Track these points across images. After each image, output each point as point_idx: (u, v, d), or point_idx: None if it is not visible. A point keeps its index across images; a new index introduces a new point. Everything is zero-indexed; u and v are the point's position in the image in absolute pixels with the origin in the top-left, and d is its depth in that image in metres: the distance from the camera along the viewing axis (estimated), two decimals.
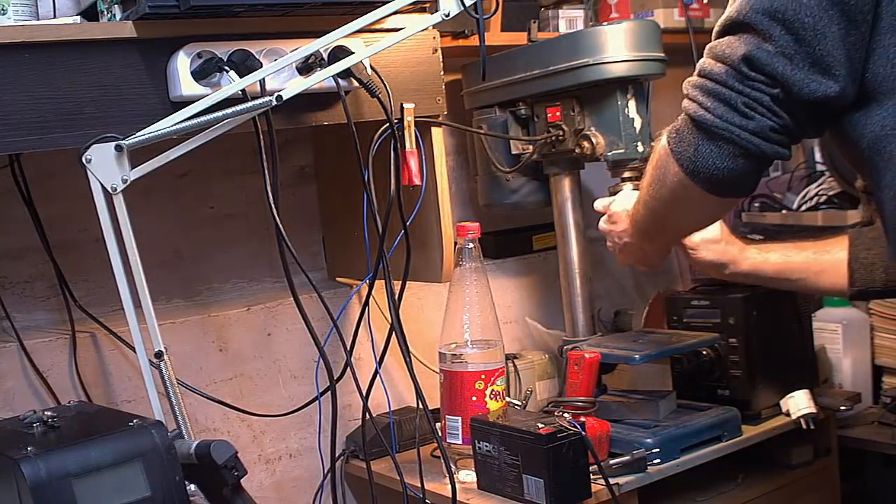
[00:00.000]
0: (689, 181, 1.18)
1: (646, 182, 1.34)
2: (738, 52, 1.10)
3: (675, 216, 1.33)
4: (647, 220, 1.40)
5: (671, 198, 1.25)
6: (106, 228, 1.26)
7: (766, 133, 1.11)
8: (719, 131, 1.12)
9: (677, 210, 1.29)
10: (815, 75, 1.08)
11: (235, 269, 1.85)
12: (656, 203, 1.31)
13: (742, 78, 1.11)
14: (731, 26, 1.13)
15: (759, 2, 1.09)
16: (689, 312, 1.86)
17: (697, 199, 1.20)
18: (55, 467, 1.11)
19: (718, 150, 1.13)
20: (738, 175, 1.15)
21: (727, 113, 1.12)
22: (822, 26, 1.07)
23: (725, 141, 1.13)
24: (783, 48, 1.08)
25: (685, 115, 1.17)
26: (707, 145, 1.14)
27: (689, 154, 1.16)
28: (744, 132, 1.11)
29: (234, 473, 1.22)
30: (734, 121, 1.11)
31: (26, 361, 1.61)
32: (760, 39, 1.09)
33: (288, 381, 1.87)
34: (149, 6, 1.27)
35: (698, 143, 1.15)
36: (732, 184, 1.17)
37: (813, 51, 1.07)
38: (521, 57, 1.86)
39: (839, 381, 2.11)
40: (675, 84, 1.93)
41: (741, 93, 1.11)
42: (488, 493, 1.60)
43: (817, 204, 2.26)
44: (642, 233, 1.48)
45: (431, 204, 1.63)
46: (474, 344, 1.67)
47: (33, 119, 1.26)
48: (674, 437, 1.66)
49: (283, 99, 1.32)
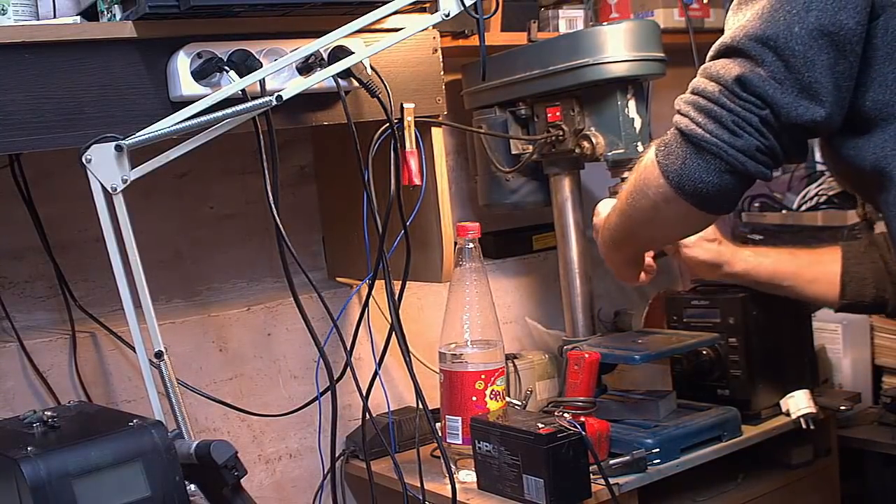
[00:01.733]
0: (672, 193, 1.21)
1: (626, 192, 1.36)
2: (732, 73, 1.14)
3: (649, 227, 1.36)
4: (618, 228, 1.43)
5: (650, 209, 1.28)
6: (106, 228, 1.26)
7: (752, 152, 1.15)
8: (708, 146, 1.16)
9: (654, 221, 1.32)
10: (803, 100, 1.13)
11: (235, 269, 1.85)
12: (633, 212, 1.34)
13: (734, 97, 1.15)
14: (725, 51, 1.17)
15: (753, 29, 1.14)
16: (689, 312, 1.86)
17: (677, 212, 1.24)
18: (55, 467, 1.11)
19: (706, 165, 1.17)
20: (722, 190, 1.19)
21: (717, 129, 1.16)
22: (811, 55, 1.11)
23: (713, 156, 1.16)
24: (774, 73, 1.12)
25: (675, 129, 1.21)
26: (695, 159, 1.18)
27: (677, 167, 1.20)
28: (731, 149, 1.15)
29: (234, 473, 1.22)
30: (723, 137, 1.15)
31: (26, 361, 1.61)
32: (753, 64, 1.14)
33: (288, 381, 1.87)
34: (149, 6, 1.27)
35: (686, 157, 1.19)
36: (716, 198, 1.20)
37: (802, 77, 1.12)
38: (521, 57, 1.86)
39: (839, 381, 2.11)
40: (675, 84, 1.93)
41: (732, 111, 1.15)
42: (488, 493, 1.60)
43: (817, 204, 2.26)
44: (611, 241, 1.50)
45: (431, 204, 1.63)
46: (474, 344, 1.67)
47: (33, 119, 1.26)
48: (674, 437, 1.66)
49: (283, 99, 1.32)
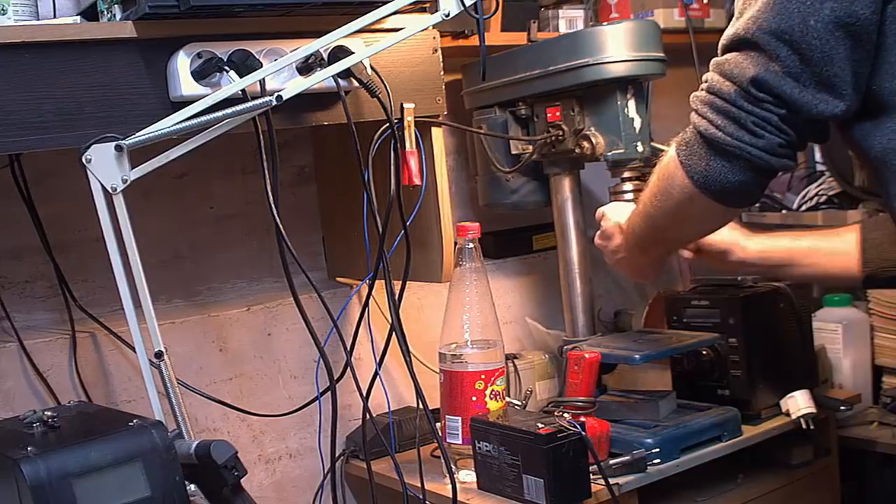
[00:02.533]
0: (697, 193, 1.22)
1: (649, 193, 1.36)
2: (747, 73, 1.12)
3: (677, 227, 1.36)
4: (645, 232, 1.43)
5: (676, 209, 1.28)
6: (106, 228, 1.26)
7: (774, 149, 1.15)
8: (731, 149, 1.16)
9: (682, 221, 1.33)
10: (822, 95, 1.10)
11: (235, 269, 1.85)
12: (659, 213, 1.34)
13: (750, 98, 1.13)
14: (738, 43, 1.14)
15: (767, 22, 1.10)
16: (689, 312, 1.86)
17: (704, 209, 1.25)
18: (55, 467, 1.11)
19: (730, 165, 1.17)
20: (748, 186, 1.19)
21: (737, 131, 1.15)
22: (829, 48, 1.08)
23: (736, 158, 1.16)
24: (790, 69, 1.10)
25: (695, 130, 1.20)
26: (718, 161, 1.18)
27: (701, 168, 1.20)
28: (754, 149, 1.15)
29: (234, 473, 1.22)
30: (744, 139, 1.15)
31: (26, 361, 1.61)
32: (767, 59, 1.11)
33: (288, 381, 1.87)
34: (149, 6, 1.27)
35: (710, 159, 1.18)
36: (742, 194, 1.21)
37: (820, 72, 1.09)
38: (521, 57, 1.86)
39: (839, 381, 2.11)
40: (675, 84, 1.94)
41: (750, 113, 1.13)
42: (488, 493, 1.60)
43: (817, 204, 2.26)
44: (637, 245, 1.49)
45: (431, 204, 1.63)
46: (474, 344, 1.67)
47: (33, 119, 1.26)
48: (674, 437, 1.66)
49: (283, 99, 1.32)
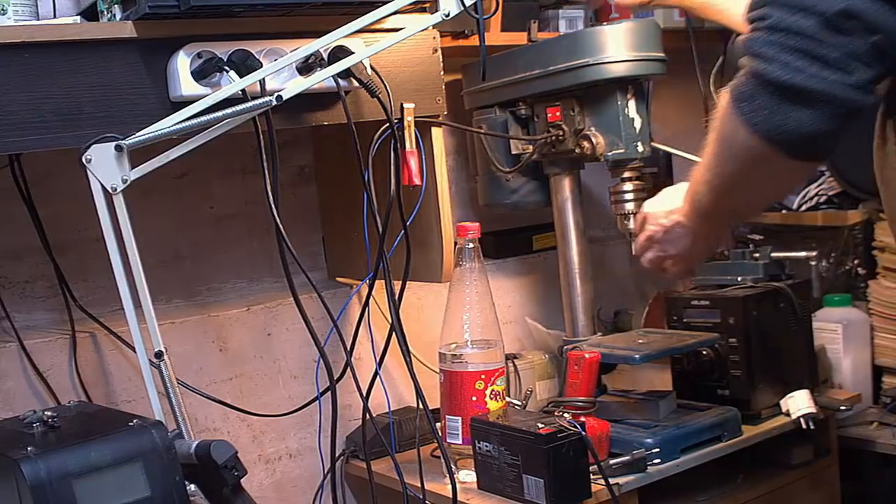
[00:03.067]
0: (772, 151, 1.05)
1: (703, 166, 1.22)
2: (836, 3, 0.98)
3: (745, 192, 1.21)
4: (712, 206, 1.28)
5: (743, 173, 1.14)
6: (106, 228, 1.26)
7: (867, 86, 1.01)
8: (818, 93, 1.00)
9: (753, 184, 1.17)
10: None
11: (235, 269, 1.85)
12: (721, 181, 1.19)
13: (836, 29, 0.99)
14: None
15: None
16: (689, 312, 1.86)
17: (779, 168, 1.09)
18: (55, 467, 1.11)
19: (818, 113, 1.01)
20: (835, 134, 1.03)
21: (821, 70, 0.99)
22: None
23: (825, 102, 1.00)
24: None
25: (758, 77, 1.03)
26: (800, 110, 1.01)
27: (777, 122, 1.03)
28: (848, 88, 1.00)
29: (234, 473, 1.22)
30: (834, 78, 0.99)
31: (26, 361, 1.61)
32: None
33: (288, 381, 1.87)
34: (149, 6, 1.27)
35: (788, 110, 1.02)
36: (827, 146, 1.06)
37: None
38: (521, 57, 1.86)
39: (839, 381, 2.11)
40: (675, 84, 1.94)
41: (837, 46, 0.99)
42: (488, 493, 1.60)
43: (817, 204, 2.26)
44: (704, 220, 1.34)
45: (431, 204, 1.63)
46: (474, 344, 1.67)
47: (33, 119, 1.26)
48: (674, 437, 1.66)
49: (283, 99, 1.32)
